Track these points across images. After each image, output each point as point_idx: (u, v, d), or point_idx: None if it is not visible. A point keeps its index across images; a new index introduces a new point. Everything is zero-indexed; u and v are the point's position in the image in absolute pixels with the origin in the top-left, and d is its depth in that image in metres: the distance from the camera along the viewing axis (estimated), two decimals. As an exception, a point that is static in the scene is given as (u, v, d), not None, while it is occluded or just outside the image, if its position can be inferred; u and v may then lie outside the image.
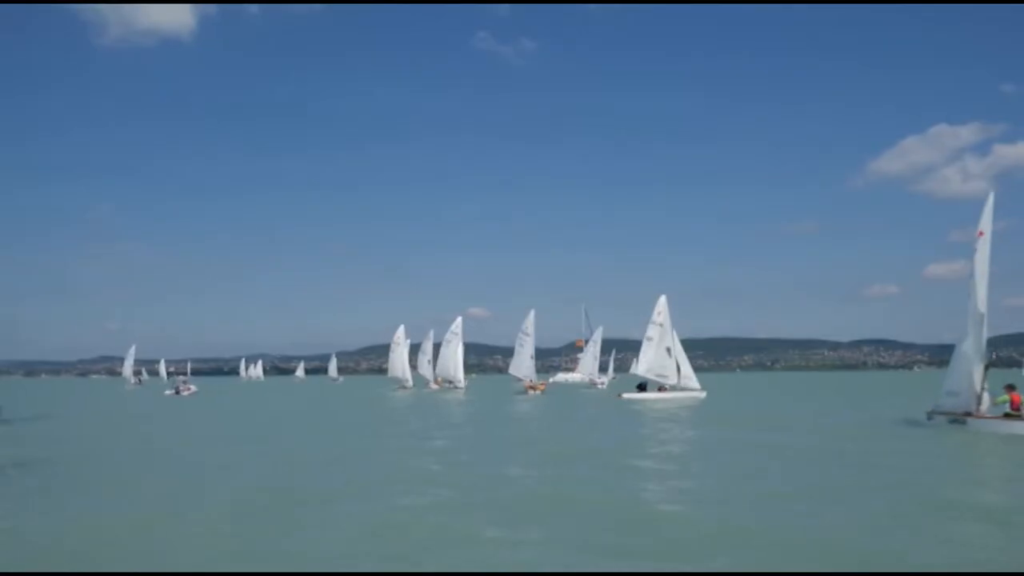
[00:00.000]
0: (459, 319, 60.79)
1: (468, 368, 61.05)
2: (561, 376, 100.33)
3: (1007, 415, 20.55)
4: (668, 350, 44.91)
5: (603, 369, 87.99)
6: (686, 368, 45.40)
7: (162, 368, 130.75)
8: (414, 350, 70.59)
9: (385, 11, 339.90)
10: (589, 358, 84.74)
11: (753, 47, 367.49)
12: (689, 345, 46.26)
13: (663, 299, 46.16)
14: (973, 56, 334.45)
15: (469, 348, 60.62)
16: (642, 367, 45.86)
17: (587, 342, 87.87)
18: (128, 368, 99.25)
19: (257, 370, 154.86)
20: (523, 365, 56.66)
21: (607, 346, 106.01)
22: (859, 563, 7.66)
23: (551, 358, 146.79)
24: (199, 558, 7.99)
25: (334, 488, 12.66)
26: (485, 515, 10.12)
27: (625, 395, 43.74)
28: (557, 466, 15.15)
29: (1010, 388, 20.96)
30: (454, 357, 60.11)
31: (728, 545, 8.48)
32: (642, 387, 45.21)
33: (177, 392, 62.04)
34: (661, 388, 44.65)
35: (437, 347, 70.25)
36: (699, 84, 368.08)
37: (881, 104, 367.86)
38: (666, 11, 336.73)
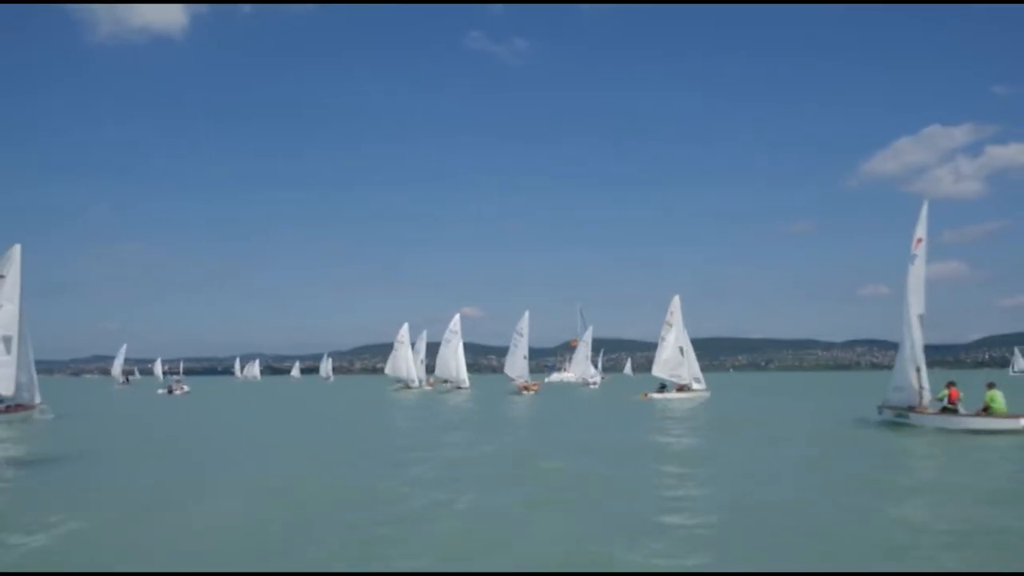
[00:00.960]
0: (457, 316, 59.02)
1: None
2: (556, 376, 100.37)
3: (944, 409, 21.96)
4: (681, 350, 45.24)
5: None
6: (695, 368, 46.03)
7: (158, 367, 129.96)
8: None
9: (378, 11, 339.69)
10: (581, 358, 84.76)
11: (749, 47, 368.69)
12: (684, 345, 46.41)
13: (676, 299, 46.68)
14: (966, 57, 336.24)
15: (464, 348, 59.50)
16: (658, 368, 45.82)
17: (581, 342, 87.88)
18: (117, 367, 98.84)
19: (254, 370, 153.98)
20: (517, 365, 56.52)
21: (601, 345, 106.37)
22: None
23: (546, 358, 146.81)
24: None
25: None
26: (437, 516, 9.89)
27: (652, 395, 43.56)
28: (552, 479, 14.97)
29: (950, 384, 22.11)
30: (455, 357, 57.95)
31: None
32: (662, 387, 45.26)
33: (170, 391, 62.33)
34: (679, 388, 44.92)
35: (430, 346, 69.78)
36: (695, 84, 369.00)
37: (875, 104, 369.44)
38: (662, 11, 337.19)
